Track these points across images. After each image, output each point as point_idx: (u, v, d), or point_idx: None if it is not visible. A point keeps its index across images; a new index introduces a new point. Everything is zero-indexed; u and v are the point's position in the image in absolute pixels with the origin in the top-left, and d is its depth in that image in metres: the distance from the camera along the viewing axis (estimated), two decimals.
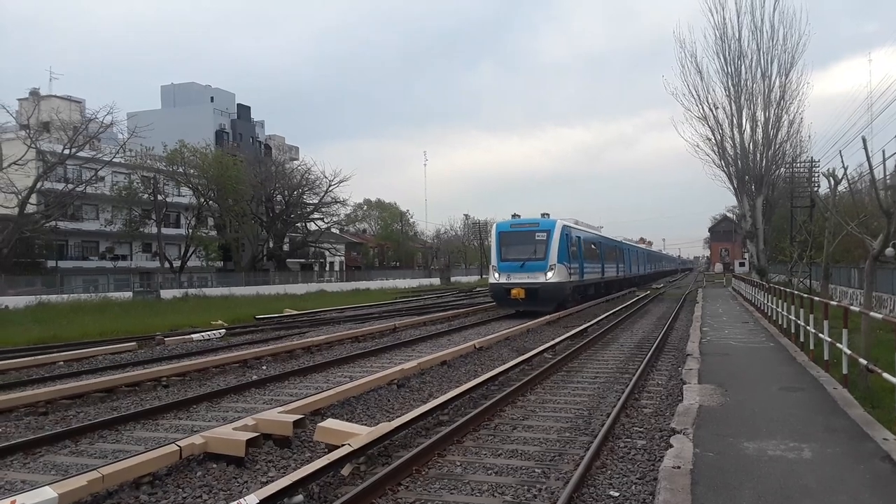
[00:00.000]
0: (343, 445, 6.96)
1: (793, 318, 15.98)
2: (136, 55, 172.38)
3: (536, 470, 7.07)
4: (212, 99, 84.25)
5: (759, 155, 38.45)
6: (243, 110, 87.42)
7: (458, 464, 7.31)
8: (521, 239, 27.63)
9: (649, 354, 14.57)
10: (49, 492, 5.64)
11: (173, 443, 7.22)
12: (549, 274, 26.48)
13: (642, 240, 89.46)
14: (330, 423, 7.90)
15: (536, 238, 27.21)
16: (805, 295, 15.89)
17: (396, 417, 8.64)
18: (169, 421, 9.78)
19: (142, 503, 6.30)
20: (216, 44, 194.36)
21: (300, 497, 6.01)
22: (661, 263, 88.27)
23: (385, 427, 7.79)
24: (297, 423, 8.06)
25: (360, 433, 7.38)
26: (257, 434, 7.66)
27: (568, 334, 18.09)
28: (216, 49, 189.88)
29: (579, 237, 31.23)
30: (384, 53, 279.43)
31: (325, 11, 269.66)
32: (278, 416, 8.27)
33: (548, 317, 24.10)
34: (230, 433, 7.52)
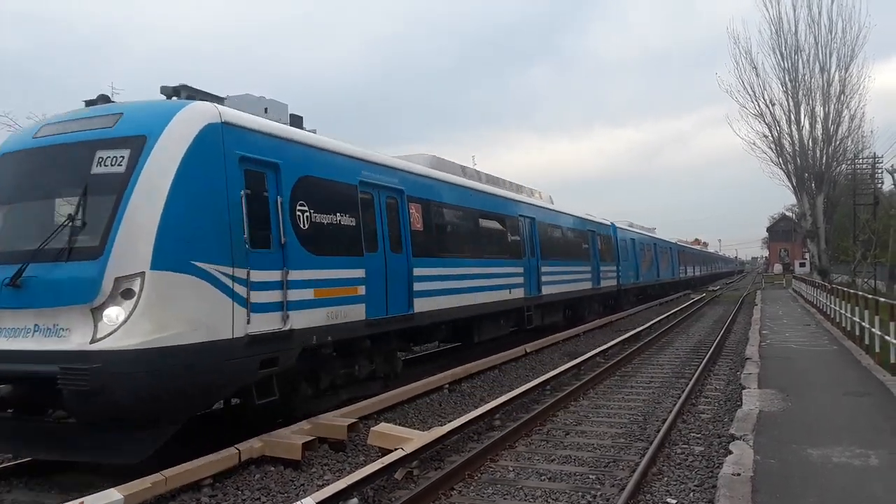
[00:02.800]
0: (396, 450, 7.01)
1: (857, 320, 15.43)
2: (193, 67, 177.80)
3: (591, 476, 6.99)
4: (266, 110, 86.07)
5: (818, 151, 37.36)
6: (295, 120, 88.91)
7: (511, 469, 7.28)
8: (37, 181, 7.36)
9: (706, 358, 14.24)
10: (115, 494, 5.85)
11: (232, 446, 7.39)
12: (113, 313, 6.26)
13: (697, 241, 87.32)
14: (383, 427, 7.97)
15: (93, 173, 6.86)
16: (870, 296, 15.34)
17: (448, 422, 8.66)
18: None
19: None
20: (273, 54, 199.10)
21: (355, 500, 6.08)
22: (714, 265, 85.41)
23: (437, 431, 7.82)
24: (351, 427, 8.17)
25: (412, 437, 7.43)
26: (313, 437, 7.79)
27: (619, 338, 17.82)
28: (273, 59, 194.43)
29: (410, 185, 11.82)
30: (439, 60, 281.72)
31: (381, 19, 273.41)
32: (333, 420, 8.38)
33: None
34: (287, 437, 7.67)
